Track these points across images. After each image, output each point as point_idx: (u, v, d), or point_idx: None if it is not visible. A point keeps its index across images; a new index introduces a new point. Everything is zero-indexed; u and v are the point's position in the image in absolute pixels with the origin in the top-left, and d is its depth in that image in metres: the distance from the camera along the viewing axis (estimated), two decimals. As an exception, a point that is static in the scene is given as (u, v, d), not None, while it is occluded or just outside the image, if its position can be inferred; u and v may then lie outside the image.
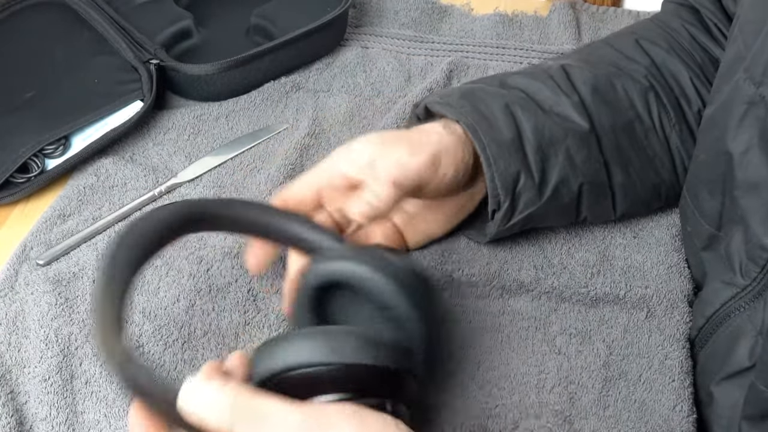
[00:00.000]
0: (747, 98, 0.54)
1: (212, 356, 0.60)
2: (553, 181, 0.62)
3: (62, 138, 0.73)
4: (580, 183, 0.63)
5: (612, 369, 0.60)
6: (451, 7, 0.94)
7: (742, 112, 0.54)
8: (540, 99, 0.63)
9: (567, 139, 0.62)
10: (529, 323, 0.63)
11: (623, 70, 0.66)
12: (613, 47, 0.69)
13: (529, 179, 0.61)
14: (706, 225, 0.60)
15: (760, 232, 0.53)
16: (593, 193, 0.64)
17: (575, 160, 0.62)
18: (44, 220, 0.68)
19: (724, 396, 0.56)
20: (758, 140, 0.53)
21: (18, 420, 0.55)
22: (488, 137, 0.60)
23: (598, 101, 0.64)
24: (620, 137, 0.64)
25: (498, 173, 0.60)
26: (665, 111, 0.66)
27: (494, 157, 0.59)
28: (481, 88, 0.64)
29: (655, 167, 0.66)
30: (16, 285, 0.64)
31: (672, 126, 0.66)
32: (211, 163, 0.74)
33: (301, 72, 0.84)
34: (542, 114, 0.62)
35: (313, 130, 0.77)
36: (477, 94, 0.63)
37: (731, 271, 0.56)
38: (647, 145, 0.65)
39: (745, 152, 0.54)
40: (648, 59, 0.67)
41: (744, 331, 0.55)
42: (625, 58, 0.67)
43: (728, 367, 0.56)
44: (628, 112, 0.65)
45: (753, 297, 0.55)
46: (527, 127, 0.61)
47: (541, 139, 0.61)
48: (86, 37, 0.82)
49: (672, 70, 0.67)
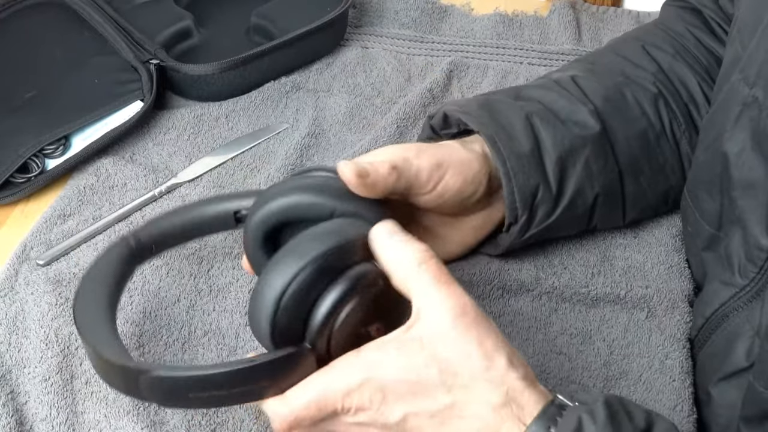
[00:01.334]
0: (742, 99, 0.54)
1: (213, 356, 0.60)
2: (569, 193, 0.61)
3: (62, 138, 0.73)
4: (596, 193, 0.63)
5: (612, 369, 0.60)
6: (451, 7, 0.94)
7: (737, 112, 0.54)
8: (556, 109, 0.63)
9: (586, 148, 0.61)
10: (530, 323, 0.63)
11: (631, 78, 0.66)
12: (618, 54, 0.68)
13: (547, 191, 0.60)
14: (707, 225, 0.60)
15: (757, 232, 0.53)
16: (606, 203, 0.64)
17: (592, 170, 0.62)
18: (44, 220, 0.68)
19: (721, 396, 0.56)
20: (750, 141, 0.53)
21: (18, 420, 0.55)
22: (508, 150, 0.59)
23: (611, 110, 0.64)
24: (633, 146, 0.64)
25: (517, 187, 0.59)
26: (675, 117, 0.65)
27: (514, 171, 0.59)
28: (498, 100, 0.63)
29: (666, 174, 0.66)
30: (16, 285, 0.64)
31: (682, 132, 0.66)
32: (210, 163, 0.74)
33: (301, 72, 0.84)
34: (560, 124, 0.62)
35: (313, 130, 0.77)
36: (495, 105, 0.62)
37: (730, 272, 0.56)
38: (659, 152, 0.65)
39: (739, 153, 0.54)
40: (655, 65, 0.67)
41: (742, 332, 0.55)
42: (632, 65, 0.67)
43: (726, 368, 0.56)
44: (641, 120, 0.64)
45: (751, 297, 0.55)
46: (546, 137, 0.61)
47: (561, 149, 0.61)
48: (86, 37, 0.81)
49: (679, 75, 0.66)
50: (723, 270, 0.57)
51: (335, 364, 0.46)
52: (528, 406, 0.44)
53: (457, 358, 0.44)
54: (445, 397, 0.44)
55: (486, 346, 0.45)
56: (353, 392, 0.45)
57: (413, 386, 0.45)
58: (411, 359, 0.45)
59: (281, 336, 0.47)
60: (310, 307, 0.47)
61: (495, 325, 0.47)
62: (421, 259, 0.46)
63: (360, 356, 0.46)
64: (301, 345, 0.47)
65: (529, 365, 0.47)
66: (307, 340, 0.47)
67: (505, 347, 0.45)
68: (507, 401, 0.44)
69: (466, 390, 0.44)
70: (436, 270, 0.46)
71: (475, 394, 0.44)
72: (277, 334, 0.47)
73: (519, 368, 0.45)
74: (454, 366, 0.44)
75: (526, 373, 0.45)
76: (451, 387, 0.44)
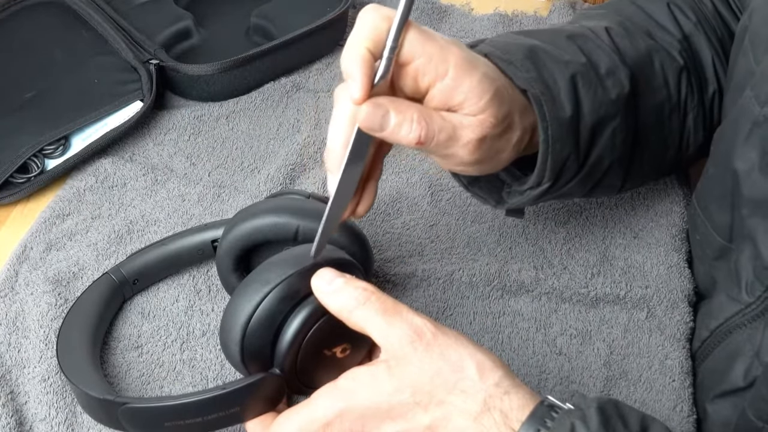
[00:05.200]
0: (753, 117, 0.53)
1: (211, 357, 0.60)
2: (590, 162, 0.58)
3: (62, 138, 0.73)
4: (609, 163, 0.60)
5: (613, 369, 0.60)
6: (451, 7, 0.94)
7: (747, 130, 0.54)
8: (597, 62, 0.59)
9: (616, 118, 0.58)
10: (530, 324, 0.63)
11: (658, 41, 0.63)
12: (643, 10, 0.66)
13: (575, 162, 0.57)
14: (718, 237, 0.59)
15: (765, 251, 0.52)
16: (614, 173, 0.62)
17: (616, 141, 0.59)
18: (43, 220, 0.68)
19: (717, 413, 0.56)
20: (759, 160, 0.52)
21: (18, 420, 0.55)
22: (551, 114, 0.54)
23: (640, 76, 0.61)
24: (649, 115, 0.62)
25: (552, 156, 0.55)
26: (691, 93, 0.64)
27: (554, 138, 0.54)
28: (543, 49, 0.57)
29: (666, 146, 0.64)
30: (16, 285, 0.64)
31: (692, 108, 0.64)
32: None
33: (301, 72, 0.84)
34: (599, 85, 0.58)
35: (313, 131, 0.77)
36: (540, 56, 0.56)
37: (738, 287, 0.56)
38: (667, 125, 0.63)
39: (749, 171, 0.53)
40: (680, 32, 0.64)
41: (742, 351, 0.55)
42: (658, 26, 0.64)
43: (724, 385, 0.56)
44: (662, 90, 0.62)
45: (755, 316, 0.55)
46: (586, 103, 0.57)
47: (595, 117, 0.57)
48: (86, 37, 0.81)
49: (697, 47, 0.64)
50: (731, 284, 0.57)
51: (314, 395, 0.48)
52: (512, 411, 0.44)
53: (427, 378, 0.45)
54: (423, 417, 0.45)
55: (451, 360, 0.45)
56: (333, 423, 0.46)
57: (390, 412, 0.45)
58: (383, 387, 0.46)
59: (251, 360, 0.49)
60: (276, 332, 0.48)
61: (462, 336, 0.47)
62: (363, 298, 0.47)
63: (337, 387, 0.47)
64: (271, 369, 0.49)
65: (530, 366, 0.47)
66: (276, 364, 0.49)
67: (473, 356, 0.46)
68: (486, 408, 0.44)
69: (443, 405, 0.45)
70: (380, 304, 0.47)
71: (452, 407, 0.45)
72: (247, 358, 0.49)
73: (492, 374, 0.45)
74: (426, 386, 0.45)
75: (503, 377, 0.45)
76: (426, 406, 0.45)
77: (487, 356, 0.46)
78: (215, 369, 0.59)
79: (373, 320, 0.47)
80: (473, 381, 0.45)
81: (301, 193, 0.59)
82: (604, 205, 0.71)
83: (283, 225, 0.55)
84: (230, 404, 0.48)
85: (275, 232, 0.55)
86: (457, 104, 0.48)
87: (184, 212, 0.70)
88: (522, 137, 0.53)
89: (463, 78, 0.48)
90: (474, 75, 0.48)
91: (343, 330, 0.48)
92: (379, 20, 0.46)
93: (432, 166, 0.74)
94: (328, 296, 0.48)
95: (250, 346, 0.48)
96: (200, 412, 0.48)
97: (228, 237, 0.57)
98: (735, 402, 0.54)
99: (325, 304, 0.48)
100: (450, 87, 0.48)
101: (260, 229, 0.56)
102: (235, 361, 0.50)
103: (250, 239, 0.56)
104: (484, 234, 0.69)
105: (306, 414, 0.47)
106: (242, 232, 0.56)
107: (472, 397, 0.44)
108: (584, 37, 0.60)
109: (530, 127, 0.54)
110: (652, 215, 0.70)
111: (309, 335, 0.48)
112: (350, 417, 0.46)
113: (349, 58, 0.45)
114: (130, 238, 0.67)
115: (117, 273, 0.61)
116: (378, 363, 0.47)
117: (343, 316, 0.48)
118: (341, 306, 0.48)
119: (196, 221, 0.69)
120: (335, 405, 0.46)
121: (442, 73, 0.47)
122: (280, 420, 0.48)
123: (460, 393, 0.45)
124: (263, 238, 0.56)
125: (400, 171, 0.74)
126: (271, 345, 0.49)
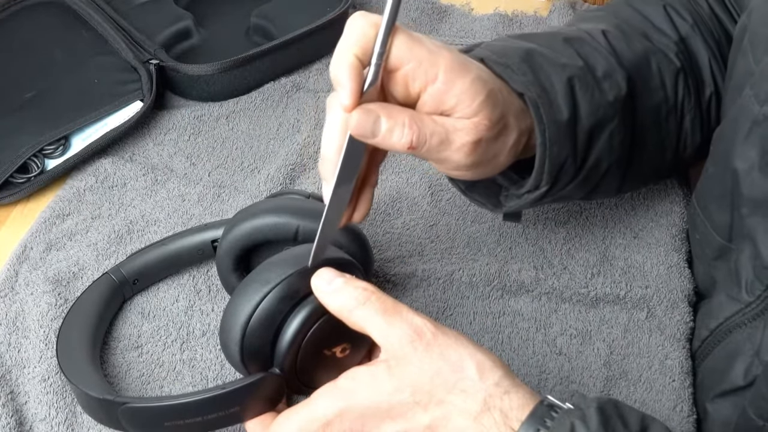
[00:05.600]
0: (752, 116, 0.53)
1: (211, 357, 0.60)
2: (588, 165, 0.58)
3: (62, 138, 0.73)
4: (607, 166, 0.60)
5: (613, 369, 0.60)
6: (451, 7, 0.94)
7: (747, 129, 0.54)
8: (594, 65, 0.59)
9: (613, 121, 0.58)
10: (530, 324, 0.63)
11: (655, 43, 0.63)
12: (639, 12, 0.66)
13: (572, 164, 0.57)
14: (718, 237, 0.59)
15: (765, 251, 0.52)
16: (613, 176, 0.62)
17: (614, 143, 0.59)
18: (43, 220, 0.68)
19: (717, 413, 0.56)
20: (759, 159, 0.52)
21: (18, 420, 0.55)
22: (548, 117, 0.54)
23: (637, 79, 0.61)
24: (646, 117, 0.62)
25: (549, 159, 0.55)
26: (688, 94, 0.63)
27: (551, 141, 0.54)
28: (540, 53, 0.57)
29: (664, 148, 0.64)
30: (16, 285, 0.64)
31: (689, 110, 0.64)
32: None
33: (301, 72, 0.84)
34: (596, 88, 0.58)
35: (313, 131, 0.77)
36: (537, 59, 0.56)
37: (738, 287, 0.56)
38: (665, 127, 0.63)
39: (749, 170, 0.53)
40: (677, 34, 0.64)
41: (742, 350, 0.55)
42: (654, 28, 0.64)
43: (724, 385, 0.56)
44: (659, 92, 0.62)
45: (755, 315, 0.55)
46: (583, 106, 0.56)
47: (593, 120, 0.57)
48: (86, 37, 0.81)
49: (694, 49, 0.64)
50: (731, 284, 0.57)
51: (314, 395, 0.48)
52: (512, 410, 0.44)
53: (427, 378, 0.45)
54: (423, 417, 0.45)
55: (451, 360, 0.45)
56: (333, 422, 0.46)
57: (390, 412, 0.46)
58: (382, 386, 0.46)
59: (251, 359, 0.49)
60: (276, 332, 0.49)
61: (462, 336, 0.47)
62: (363, 298, 0.47)
63: (337, 386, 0.47)
64: (271, 369, 0.49)
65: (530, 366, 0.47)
66: (276, 364, 0.49)
67: (473, 355, 0.46)
68: (486, 408, 0.44)
69: (442, 405, 0.45)
70: (380, 304, 0.47)
71: (451, 407, 0.45)
72: (246, 358, 0.49)
73: (492, 374, 0.45)
74: (425, 385, 0.45)
75: (503, 377, 0.45)
76: (426, 405, 0.45)
77: (487, 356, 0.46)
78: (215, 369, 0.59)
79: (373, 320, 0.47)
80: (473, 381, 0.45)
81: (301, 193, 0.59)
82: (604, 205, 0.71)
83: (283, 225, 0.55)
84: (230, 404, 0.48)
85: (275, 232, 0.55)
86: (450, 108, 0.48)
87: (184, 212, 0.70)
88: (518, 140, 0.53)
89: (454, 81, 0.48)
90: (465, 78, 0.48)
91: (342, 330, 0.48)
92: (367, 27, 0.46)
93: (432, 166, 0.74)
94: (328, 296, 0.48)
95: (249, 345, 0.48)
96: (200, 411, 0.48)
97: (228, 237, 0.57)
98: (735, 401, 0.54)
99: (324, 303, 0.48)
100: (441, 91, 0.48)
101: (260, 229, 0.56)
102: (234, 361, 0.50)
103: (250, 239, 0.56)
104: (484, 234, 0.69)
105: (306, 414, 0.47)
106: (242, 232, 0.56)
107: (472, 397, 0.44)
108: (581, 40, 0.60)
109: (527, 130, 0.54)
110: (652, 215, 0.70)
111: (309, 335, 0.49)
112: (350, 416, 0.46)
113: (338, 66, 0.46)
114: (130, 238, 0.67)
115: (117, 273, 0.61)
116: (378, 363, 0.47)
117: (342, 315, 0.48)
118: (341, 306, 0.48)
119: (196, 221, 0.69)
120: (335, 405, 0.46)
121: (432, 78, 0.47)
122: (279, 420, 0.48)
123: (460, 393, 0.45)
124: (263, 238, 0.56)
125: (400, 171, 0.74)
126: (270, 345, 0.49)
